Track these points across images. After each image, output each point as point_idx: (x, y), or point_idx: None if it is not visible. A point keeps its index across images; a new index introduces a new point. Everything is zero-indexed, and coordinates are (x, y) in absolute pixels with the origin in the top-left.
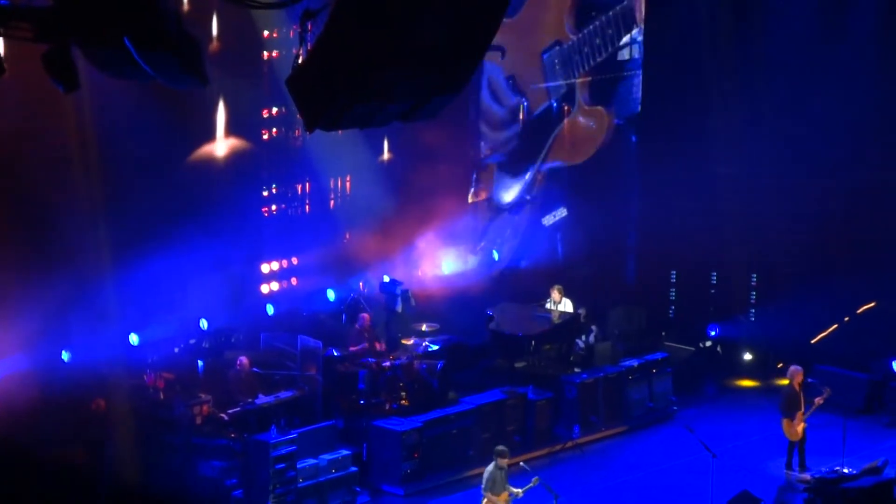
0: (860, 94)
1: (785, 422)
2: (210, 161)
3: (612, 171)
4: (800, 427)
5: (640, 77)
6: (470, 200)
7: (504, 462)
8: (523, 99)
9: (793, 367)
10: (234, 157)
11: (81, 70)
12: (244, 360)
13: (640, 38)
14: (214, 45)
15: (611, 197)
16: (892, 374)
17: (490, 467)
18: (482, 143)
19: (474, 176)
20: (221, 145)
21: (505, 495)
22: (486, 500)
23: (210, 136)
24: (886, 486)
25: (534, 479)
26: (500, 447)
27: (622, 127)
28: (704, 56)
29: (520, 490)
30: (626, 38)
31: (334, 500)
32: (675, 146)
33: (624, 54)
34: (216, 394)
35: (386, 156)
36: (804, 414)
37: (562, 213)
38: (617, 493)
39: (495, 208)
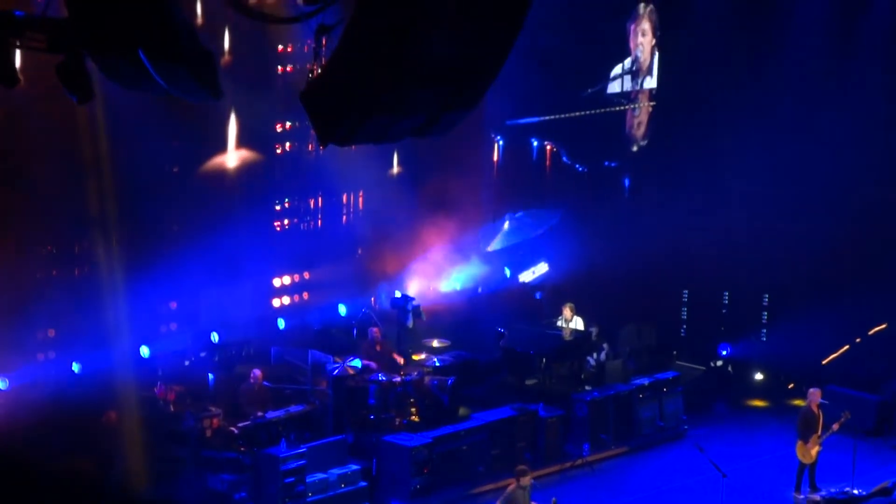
0: (871, 113)
1: (799, 443)
2: (222, 173)
3: (624, 189)
4: (814, 450)
5: (636, 111)
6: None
7: (526, 481)
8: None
9: (812, 390)
10: (246, 169)
11: (95, 81)
12: (258, 372)
13: (633, 68)
14: (227, 58)
15: (623, 215)
16: None
17: (510, 488)
18: None
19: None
20: (233, 157)
21: None
22: None
23: (222, 147)
24: None
25: (553, 501)
26: (522, 466)
27: (615, 169)
28: (716, 75)
29: None
30: (617, 69)
31: None
32: (688, 165)
33: (614, 87)
34: (226, 407)
35: (395, 170)
36: (820, 437)
37: (542, 268)
38: None
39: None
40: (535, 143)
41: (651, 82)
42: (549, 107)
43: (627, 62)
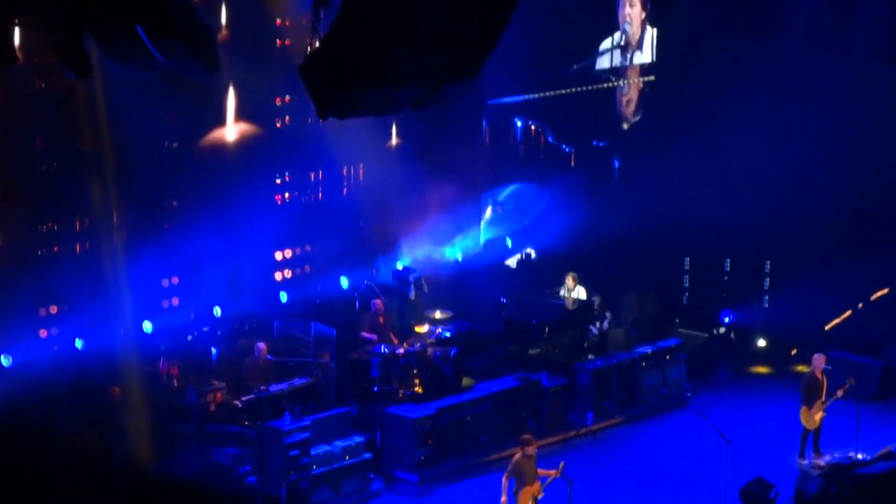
0: (874, 80)
1: (803, 409)
2: (221, 147)
3: (625, 157)
4: (818, 416)
5: (626, 88)
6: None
7: (531, 450)
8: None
9: (816, 355)
10: (245, 143)
11: (93, 58)
12: (262, 345)
13: (622, 43)
14: (224, 32)
15: (624, 184)
16: None
17: (516, 457)
18: None
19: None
20: (232, 130)
21: (537, 485)
22: (522, 492)
23: (221, 122)
24: None
25: (560, 464)
26: (526, 436)
27: (603, 148)
28: (717, 43)
29: (550, 475)
30: (605, 44)
31: (348, 486)
32: (689, 133)
33: (603, 62)
34: (230, 381)
35: (395, 141)
36: (824, 403)
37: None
38: (630, 480)
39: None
40: (520, 124)
41: (641, 57)
42: (534, 85)
43: (616, 36)
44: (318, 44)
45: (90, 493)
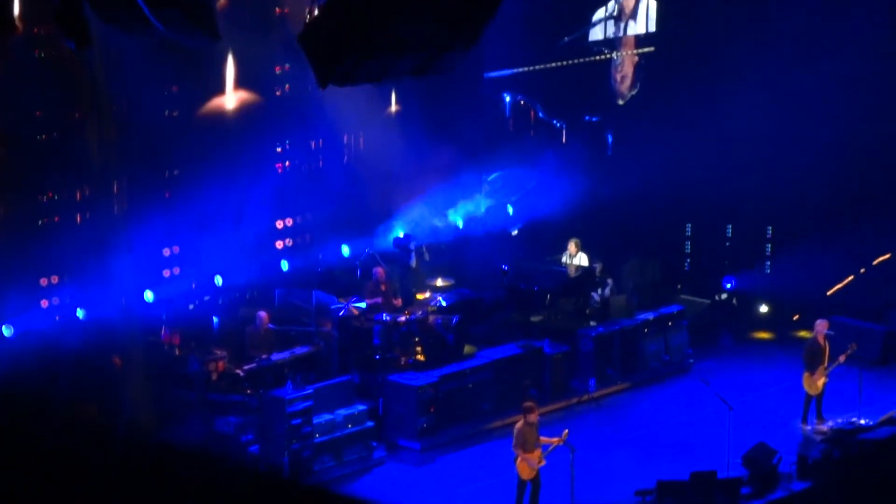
0: (875, 44)
1: (805, 375)
2: (221, 115)
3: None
4: (820, 381)
5: (620, 62)
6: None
7: (533, 417)
8: None
9: (819, 321)
10: (245, 111)
11: (93, 27)
12: (263, 314)
13: (616, 12)
14: (223, 1)
15: (625, 150)
16: None
17: (518, 425)
18: None
19: None
20: (231, 98)
21: (539, 452)
22: (519, 458)
23: (221, 90)
24: None
25: (564, 432)
26: (528, 403)
27: (597, 123)
28: (717, 7)
29: (553, 443)
30: (599, 13)
31: (350, 455)
32: (689, 98)
33: (597, 33)
34: (231, 350)
35: (394, 108)
36: (826, 368)
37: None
38: (633, 447)
39: None
40: (508, 99)
41: (636, 27)
42: (523, 58)
43: (610, 5)
44: (317, 12)
45: (91, 463)
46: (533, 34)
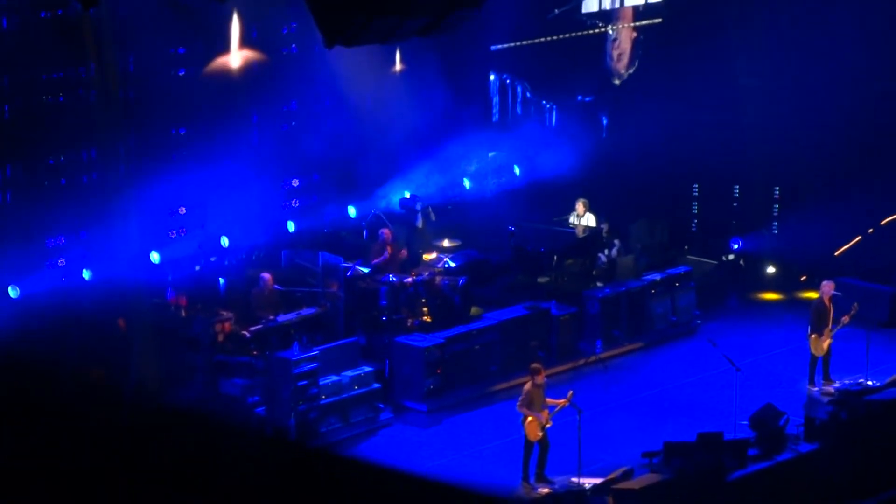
0: (884, 2)
1: (812, 336)
2: (226, 74)
3: (632, 85)
4: (826, 343)
5: (616, 37)
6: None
7: (540, 379)
8: None
9: (825, 282)
10: (251, 71)
11: None
12: (267, 276)
13: None
14: None
15: (632, 111)
16: None
17: (527, 387)
18: None
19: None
20: (236, 57)
21: (546, 413)
22: (528, 420)
23: (226, 50)
24: None
25: (569, 393)
26: (535, 365)
27: (591, 103)
28: None
29: (559, 404)
30: None
31: (357, 416)
32: (697, 59)
33: (590, 5)
34: (238, 311)
35: (399, 66)
36: (832, 330)
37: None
38: (640, 408)
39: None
40: (493, 77)
41: None
42: (509, 32)
43: None
44: None
45: (97, 425)
46: (519, 5)
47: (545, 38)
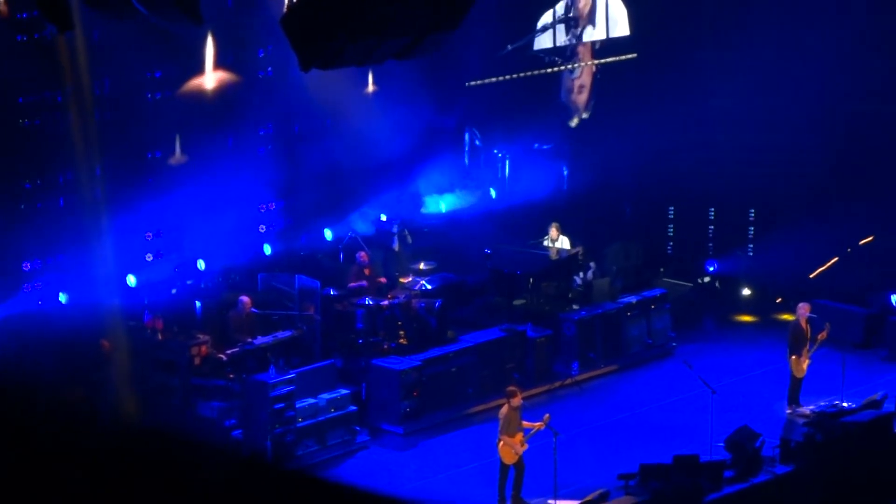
0: (856, 24)
1: (793, 358)
2: (202, 96)
3: (607, 107)
4: (805, 364)
5: (574, 72)
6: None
7: (517, 401)
8: None
9: (801, 304)
10: (225, 92)
11: (75, 10)
12: (246, 299)
13: (569, 15)
14: None
15: (607, 133)
16: (891, 307)
17: (504, 409)
18: None
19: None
20: (210, 78)
21: (520, 436)
22: (502, 442)
23: (201, 71)
24: (885, 420)
25: (545, 416)
26: (512, 387)
27: (549, 151)
28: None
29: (534, 428)
30: (546, 18)
31: (333, 439)
32: (670, 80)
33: (544, 41)
34: (214, 334)
35: (370, 88)
36: (809, 350)
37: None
38: (616, 430)
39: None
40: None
41: (593, 32)
42: (454, 73)
43: (560, 7)
44: None
45: (74, 448)
46: (464, 41)
47: (496, 79)
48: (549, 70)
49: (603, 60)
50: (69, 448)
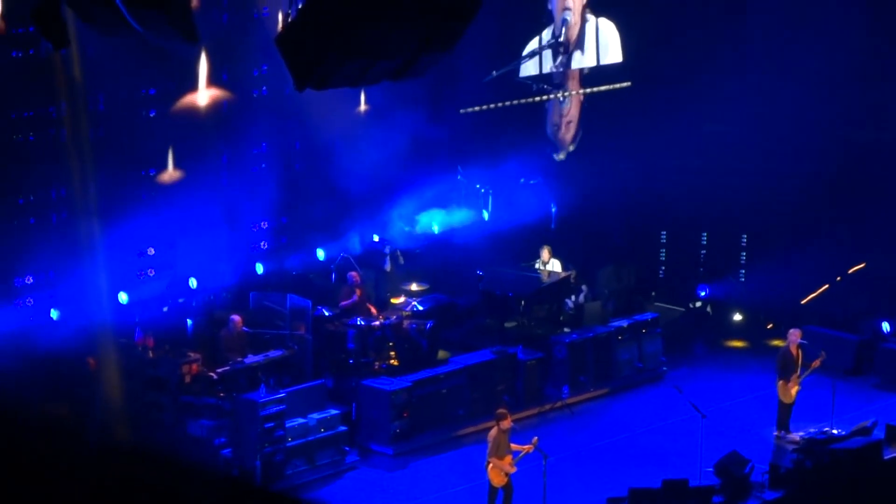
0: (849, 52)
1: (780, 383)
2: (196, 114)
3: (598, 130)
4: (794, 390)
5: (564, 103)
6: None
7: (507, 424)
8: None
9: (792, 330)
10: (218, 108)
11: (71, 27)
12: (237, 318)
13: (556, 40)
14: (195, 2)
15: (600, 157)
16: (882, 335)
17: (493, 432)
18: None
19: None
20: (203, 95)
21: (509, 458)
22: (491, 465)
23: (195, 89)
24: (875, 448)
25: (534, 439)
26: (501, 410)
27: (538, 184)
28: (689, 12)
29: (523, 450)
30: (532, 44)
31: (323, 459)
32: (664, 105)
33: (530, 68)
34: (205, 353)
35: (363, 107)
36: (799, 377)
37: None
38: (605, 454)
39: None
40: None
41: (582, 59)
42: (431, 101)
43: (546, 34)
44: (295, 14)
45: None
46: (442, 70)
47: (479, 108)
48: (536, 99)
49: (592, 89)
50: (57, 465)
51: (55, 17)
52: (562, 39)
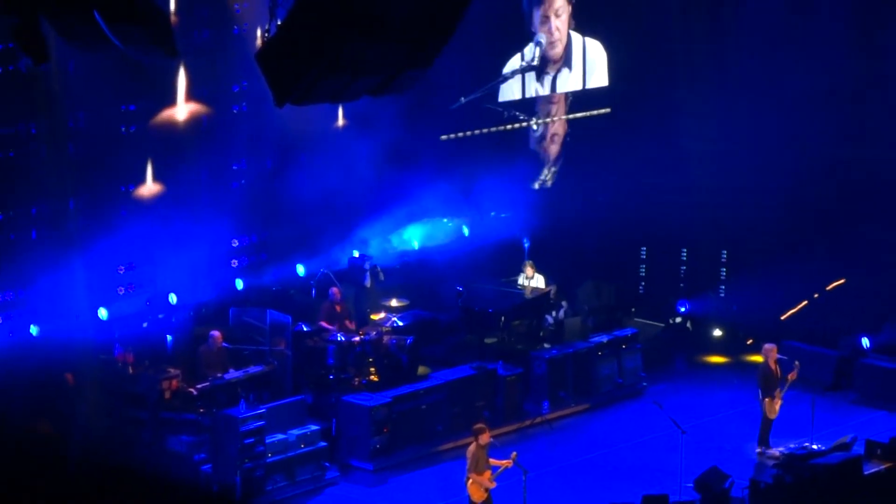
0: (831, 69)
1: (766, 400)
2: (174, 129)
3: (581, 147)
4: (778, 405)
5: (548, 129)
6: None
7: (485, 439)
8: None
9: (766, 345)
10: (198, 125)
11: (50, 44)
12: (216, 333)
13: (534, 63)
14: (174, 19)
15: (581, 173)
16: (861, 350)
17: (472, 447)
18: None
19: None
20: (182, 109)
21: (488, 473)
22: (470, 480)
23: (174, 104)
24: (855, 463)
25: (513, 454)
26: (479, 425)
27: (507, 219)
28: (673, 30)
29: (502, 465)
30: (513, 64)
31: (303, 475)
32: (645, 121)
33: (511, 91)
34: (185, 368)
35: (340, 122)
36: (781, 391)
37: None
38: (586, 470)
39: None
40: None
41: (569, 78)
42: (401, 124)
43: (528, 51)
44: (275, 30)
45: (43, 481)
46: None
47: (450, 136)
48: (515, 126)
49: (578, 115)
50: (37, 481)
51: (35, 32)
52: (550, 53)
